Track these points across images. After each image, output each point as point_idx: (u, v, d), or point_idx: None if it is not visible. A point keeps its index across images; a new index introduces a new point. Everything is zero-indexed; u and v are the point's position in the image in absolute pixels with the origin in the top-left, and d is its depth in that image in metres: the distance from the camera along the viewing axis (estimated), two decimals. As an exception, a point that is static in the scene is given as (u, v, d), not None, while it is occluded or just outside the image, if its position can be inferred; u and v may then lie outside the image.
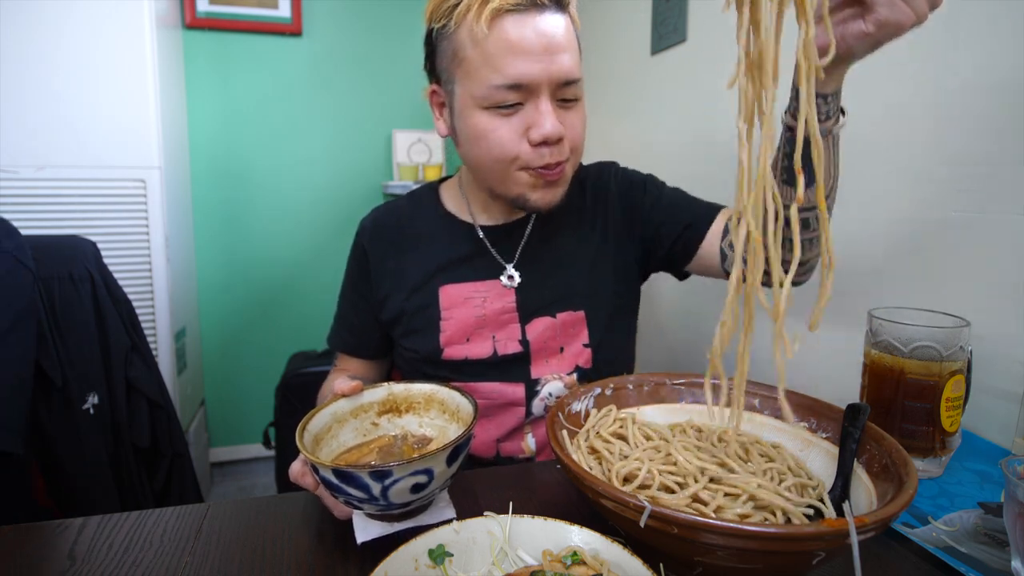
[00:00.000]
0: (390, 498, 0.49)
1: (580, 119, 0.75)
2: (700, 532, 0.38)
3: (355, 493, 0.49)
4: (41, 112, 1.54)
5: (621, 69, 1.71)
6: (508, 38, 0.67)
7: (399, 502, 0.50)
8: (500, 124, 0.71)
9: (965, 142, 0.76)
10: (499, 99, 0.69)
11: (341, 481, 0.49)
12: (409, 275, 0.85)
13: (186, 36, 2.09)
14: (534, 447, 0.82)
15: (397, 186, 2.14)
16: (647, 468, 0.51)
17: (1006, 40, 0.70)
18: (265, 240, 2.28)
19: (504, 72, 0.68)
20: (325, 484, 0.51)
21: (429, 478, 0.50)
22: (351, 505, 0.51)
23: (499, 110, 0.70)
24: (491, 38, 0.67)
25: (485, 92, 0.69)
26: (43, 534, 0.55)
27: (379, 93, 2.31)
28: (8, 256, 0.75)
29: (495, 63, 0.68)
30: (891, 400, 0.62)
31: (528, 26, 0.67)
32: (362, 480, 0.48)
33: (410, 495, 0.50)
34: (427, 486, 0.50)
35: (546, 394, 0.81)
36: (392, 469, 0.47)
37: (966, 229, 0.76)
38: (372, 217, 0.92)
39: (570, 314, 0.82)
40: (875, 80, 0.88)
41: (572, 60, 0.70)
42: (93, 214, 1.62)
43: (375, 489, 0.48)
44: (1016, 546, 0.44)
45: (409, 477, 0.49)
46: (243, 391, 2.33)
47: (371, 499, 0.49)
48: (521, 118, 0.71)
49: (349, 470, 0.48)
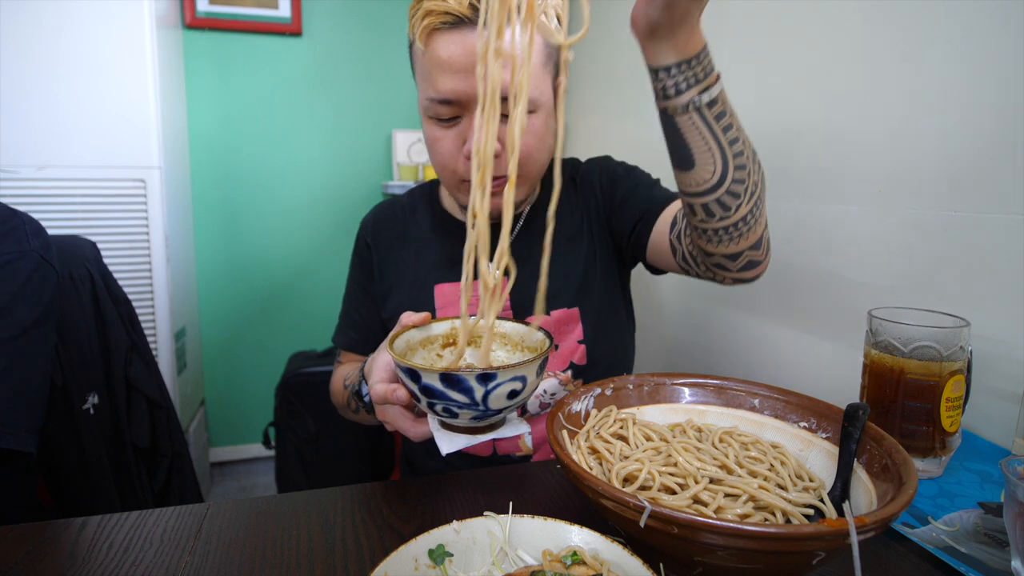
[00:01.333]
0: (489, 403, 0.52)
1: (528, 132, 0.73)
2: (700, 532, 0.38)
3: (457, 398, 0.52)
4: (41, 112, 1.54)
5: (621, 69, 1.71)
6: (438, 55, 0.69)
7: (496, 408, 0.53)
8: (442, 135, 0.74)
9: (965, 142, 0.76)
10: (435, 112, 0.72)
11: (447, 386, 0.51)
12: (408, 272, 0.86)
13: (186, 36, 2.09)
14: (531, 445, 0.82)
15: (397, 186, 2.14)
16: (647, 469, 0.51)
17: (1006, 39, 0.70)
18: (265, 240, 2.28)
19: (435, 87, 0.70)
20: (425, 392, 0.53)
21: (523, 385, 0.53)
22: (448, 413, 0.54)
23: (440, 122, 0.73)
24: (427, 54, 0.70)
25: (426, 104, 0.73)
26: (43, 534, 0.55)
27: (379, 93, 2.31)
28: (35, 255, 0.75)
29: (429, 78, 0.71)
30: (891, 400, 0.62)
31: (456, 43, 0.68)
32: (467, 383, 0.51)
33: (506, 401, 0.53)
34: (520, 393, 0.54)
35: (541, 391, 0.81)
36: (497, 372, 0.51)
37: (966, 229, 0.76)
38: (373, 213, 0.94)
39: (564, 311, 0.82)
40: (875, 80, 0.88)
41: None
42: (93, 214, 1.62)
43: (478, 393, 0.51)
44: (1016, 546, 0.44)
45: (509, 382, 0.52)
46: (243, 391, 2.33)
47: (472, 404, 0.52)
48: (460, 131, 0.73)
49: (457, 374, 0.50)
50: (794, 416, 0.59)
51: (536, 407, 0.82)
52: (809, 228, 1.01)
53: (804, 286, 1.04)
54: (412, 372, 0.53)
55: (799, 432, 0.58)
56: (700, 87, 0.53)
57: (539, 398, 0.81)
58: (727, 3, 1.22)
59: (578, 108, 2.01)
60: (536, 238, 0.84)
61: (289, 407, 1.89)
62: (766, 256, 0.65)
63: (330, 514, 0.58)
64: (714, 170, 0.57)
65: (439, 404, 0.53)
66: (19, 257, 0.73)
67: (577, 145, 2.06)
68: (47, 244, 0.78)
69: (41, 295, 0.75)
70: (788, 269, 1.07)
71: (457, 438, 0.57)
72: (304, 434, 1.88)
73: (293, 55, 2.21)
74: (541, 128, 0.74)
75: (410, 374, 0.53)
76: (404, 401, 0.58)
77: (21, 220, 0.77)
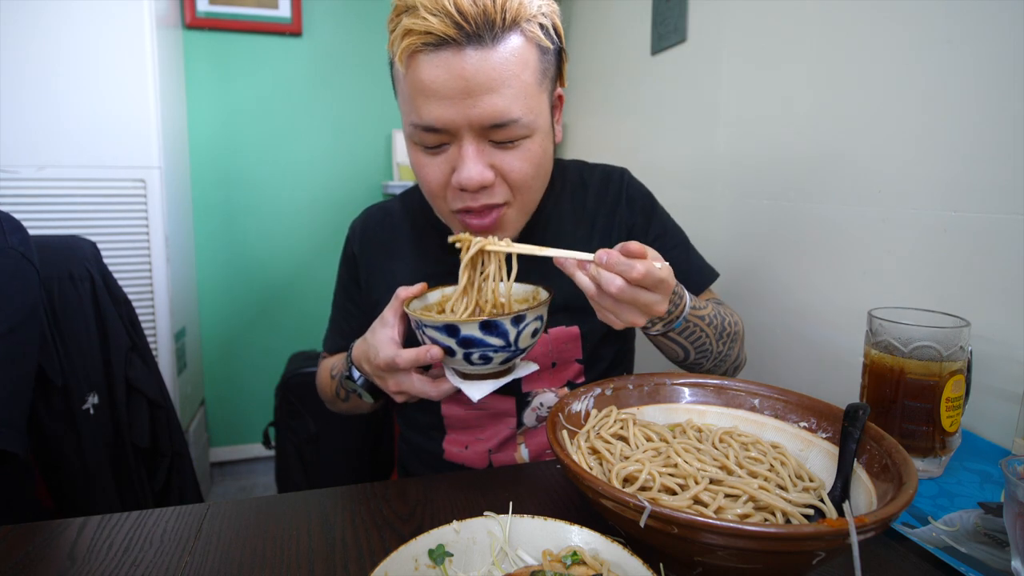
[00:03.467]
0: (519, 343, 0.60)
1: (521, 159, 0.67)
2: (700, 532, 0.38)
3: (494, 343, 0.58)
4: (41, 112, 1.54)
5: (621, 69, 1.71)
6: (420, 79, 0.61)
7: (523, 347, 0.61)
8: (428, 162, 0.68)
9: (965, 142, 0.76)
10: (420, 139, 0.66)
11: (486, 333, 0.57)
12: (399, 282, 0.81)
13: (186, 36, 2.09)
14: (527, 457, 0.81)
15: (397, 186, 2.15)
16: (648, 470, 0.51)
17: (1006, 39, 0.70)
18: (265, 240, 2.28)
19: (419, 114, 0.63)
20: (464, 343, 0.58)
21: (541, 323, 0.62)
22: (483, 360, 0.60)
23: (426, 148, 0.67)
24: (408, 77, 0.63)
25: (410, 130, 0.67)
26: (43, 534, 0.55)
27: (379, 93, 2.31)
28: (14, 253, 0.74)
29: (412, 103, 0.64)
30: (891, 400, 0.62)
31: (441, 66, 0.60)
32: (504, 327, 0.57)
33: (530, 339, 0.61)
34: (540, 330, 0.62)
35: (537, 404, 0.80)
36: (525, 313, 0.58)
37: (966, 229, 0.76)
38: (362, 219, 0.90)
39: (563, 329, 0.79)
40: (875, 80, 0.88)
41: (503, 101, 0.62)
42: (93, 214, 1.62)
43: (511, 335, 0.58)
44: (1016, 546, 0.44)
45: (533, 321, 0.60)
46: (243, 391, 2.33)
47: (506, 346, 0.59)
48: (447, 158, 0.67)
49: (495, 320, 0.57)
50: (794, 416, 0.59)
51: (533, 421, 0.81)
52: (809, 228, 1.01)
53: (804, 286, 1.04)
54: (451, 327, 0.57)
55: (799, 432, 0.58)
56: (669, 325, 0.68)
57: (536, 411, 0.80)
58: (729, 5, 1.22)
59: (577, 108, 2.01)
60: None
61: (289, 407, 1.89)
62: (738, 369, 0.85)
63: (330, 514, 0.58)
64: (679, 355, 0.74)
65: (476, 352, 0.58)
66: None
67: (576, 145, 2.06)
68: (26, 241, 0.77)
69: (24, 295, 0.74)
70: (788, 269, 1.07)
71: (482, 384, 0.61)
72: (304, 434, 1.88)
73: (293, 55, 2.21)
74: (539, 154, 0.68)
75: (448, 330, 0.58)
76: (439, 358, 0.60)
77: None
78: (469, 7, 0.59)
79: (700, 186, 1.34)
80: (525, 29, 0.63)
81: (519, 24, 0.62)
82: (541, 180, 0.72)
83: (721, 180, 1.27)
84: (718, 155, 1.27)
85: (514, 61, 0.62)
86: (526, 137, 0.66)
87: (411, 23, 0.60)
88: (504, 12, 0.60)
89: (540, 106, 0.67)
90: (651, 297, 0.56)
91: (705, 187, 1.32)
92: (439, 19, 0.59)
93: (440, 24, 0.59)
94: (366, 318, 0.86)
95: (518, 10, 0.61)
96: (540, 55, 0.65)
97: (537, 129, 0.67)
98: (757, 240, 1.15)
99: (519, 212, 0.72)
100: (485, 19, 0.59)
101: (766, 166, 1.12)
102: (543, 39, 0.65)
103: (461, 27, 0.59)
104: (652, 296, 0.56)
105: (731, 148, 1.23)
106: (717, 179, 1.28)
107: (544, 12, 0.65)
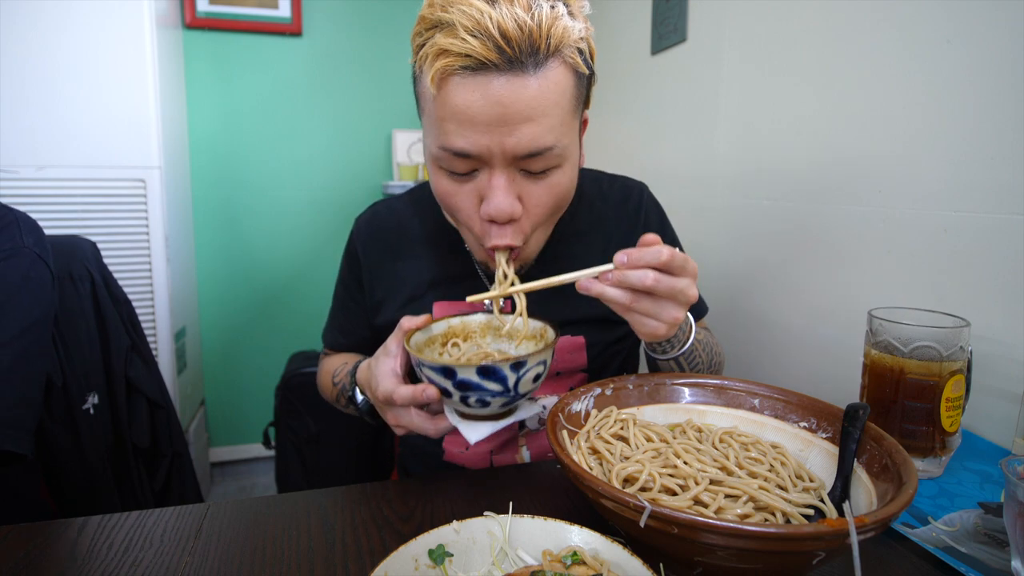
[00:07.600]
0: (519, 389, 0.56)
1: (549, 191, 0.64)
2: (700, 532, 0.38)
3: (491, 388, 0.55)
4: (41, 112, 1.54)
5: (621, 69, 1.71)
6: (454, 103, 0.57)
7: (523, 392, 0.57)
8: (457, 189, 0.64)
9: (965, 142, 0.76)
10: (448, 164, 0.62)
11: (483, 378, 0.54)
12: (405, 284, 0.81)
13: (186, 36, 2.09)
14: (528, 459, 0.81)
15: (397, 186, 2.15)
16: (648, 471, 0.51)
17: (1006, 39, 0.70)
18: (265, 240, 2.28)
19: (449, 139, 0.59)
20: (460, 386, 0.55)
21: (544, 368, 0.58)
22: (480, 403, 0.56)
23: (453, 175, 0.63)
24: (439, 99, 0.58)
25: (437, 153, 0.62)
26: (43, 534, 0.55)
27: (379, 93, 2.31)
28: (29, 253, 0.74)
29: (442, 127, 0.60)
30: (891, 400, 0.62)
31: (477, 91, 0.56)
32: (502, 372, 0.54)
33: (531, 384, 0.57)
34: (542, 375, 0.58)
35: (541, 408, 0.80)
36: (526, 359, 0.54)
37: (966, 229, 0.76)
38: (368, 217, 0.88)
39: (569, 339, 0.79)
40: (875, 80, 0.88)
41: (539, 129, 0.58)
42: (93, 214, 1.62)
43: (511, 380, 0.55)
44: (1016, 546, 0.44)
45: (535, 367, 0.56)
46: (243, 391, 2.33)
47: (504, 391, 0.55)
48: (476, 186, 0.63)
49: (493, 365, 0.53)
50: (794, 416, 0.59)
51: (535, 424, 0.80)
52: (809, 228, 1.01)
53: (804, 286, 1.04)
54: (447, 370, 0.55)
55: (799, 432, 0.58)
56: (678, 351, 0.69)
57: (539, 415, 0.80)
58: (729, 5, 1.22)
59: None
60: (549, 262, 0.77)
61: (289, 407, 1.89)
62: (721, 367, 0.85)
63: (330, 514, 0.58)
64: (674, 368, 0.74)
65: (473, 396, 0.56)
66: (13, 254, 0.73)
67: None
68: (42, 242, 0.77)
69: (39, 294, 0.74)
70: (788, 269, 1.07)
71: (481, 426, 0.59)
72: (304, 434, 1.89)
73: (293, 55, 2.21)
74: (565, 186, 0.65)
75: (444, 372, 0.55)
76: (435, 399, 0.58)
77: (15, 217, 0.76)
78: (514, 31, 0.54)
79: (700, 186, 1.34)
80: (565, 55, 0.59)
81: (561, 51, 0.58)
82: (561, 211, 0.70)
83: (721, 180, 1.27)
84: (718, 155, 1.27)
85: (553, 89, 0.58)
86: (557, 167, 0.63)
87: (448, 43, 0.55)
88: (549, 38, 0.56)
89: (572, 133, 0.64)
90: (683, 282, 0.55)
91: (705, 187, 1.32)
92: (480, 42, 0.54)
93: (481, 47, 0.54)
94: (366, 316, 0.86)
95: (562, 36, 0.57)
96: (576, 81, 0.62)
97: (568, 158, 0.64)
98: (757, 240, 1.15)
99: (536, 243, 0.70)
100: (530, 45, 0.55)
101: (766, 166, 1.12)
102: (581, 65, 0.61)
103: (503, 51, 0.55)
104: (683, 280, 0.55)
105: (731, 148, 1.23)
106: (717, 179, 1.28)
107: (583, 36, 0.61)
